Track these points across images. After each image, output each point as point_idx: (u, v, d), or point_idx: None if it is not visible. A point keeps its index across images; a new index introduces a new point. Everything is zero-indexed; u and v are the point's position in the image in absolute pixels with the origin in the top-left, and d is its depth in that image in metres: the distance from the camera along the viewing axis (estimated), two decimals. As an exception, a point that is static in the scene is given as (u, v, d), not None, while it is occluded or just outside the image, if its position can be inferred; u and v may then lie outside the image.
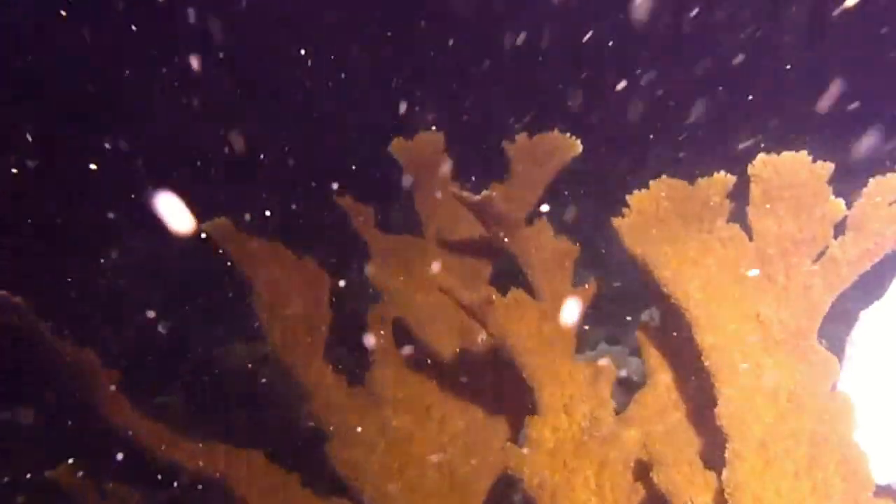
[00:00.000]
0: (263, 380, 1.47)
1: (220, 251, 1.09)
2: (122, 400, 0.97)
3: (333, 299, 1.14)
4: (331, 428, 1.01)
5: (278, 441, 1.30)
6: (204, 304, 2.29)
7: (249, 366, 1.53)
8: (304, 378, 1.02)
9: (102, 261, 2.79)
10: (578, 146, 1.08)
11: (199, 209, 1.18)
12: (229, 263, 1.09)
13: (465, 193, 0.95)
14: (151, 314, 2.18)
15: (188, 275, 2.55)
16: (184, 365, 1.84)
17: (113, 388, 0.95)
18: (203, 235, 1.09)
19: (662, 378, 0.92)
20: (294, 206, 2.98)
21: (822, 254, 0.84)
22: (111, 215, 2.94)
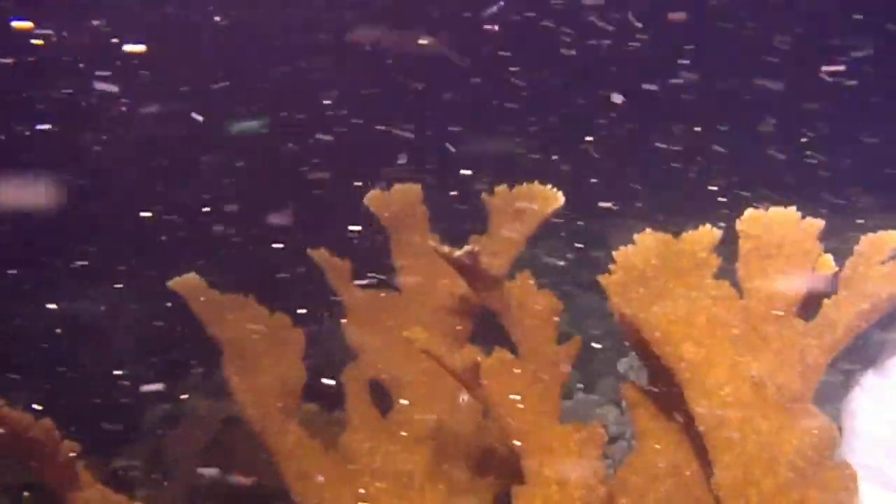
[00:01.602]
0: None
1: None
2: (78, 471, 0.90)
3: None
4: (304, 499, 0.95)
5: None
6: (164, 357, 2.21)
7: (215, 425, 1.47)
8: (276, 446, 0.96)
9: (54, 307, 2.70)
10: (561, 198, 1.06)
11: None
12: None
13: (445, 248, 0.92)
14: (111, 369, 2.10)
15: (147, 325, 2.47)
16: (143, 424, 1.76)
17: (71, 457, 0.89)
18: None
19: (652, 442, 0.89)
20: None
21: (814, 313, 0.82)
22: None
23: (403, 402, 1.01)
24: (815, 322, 0.80)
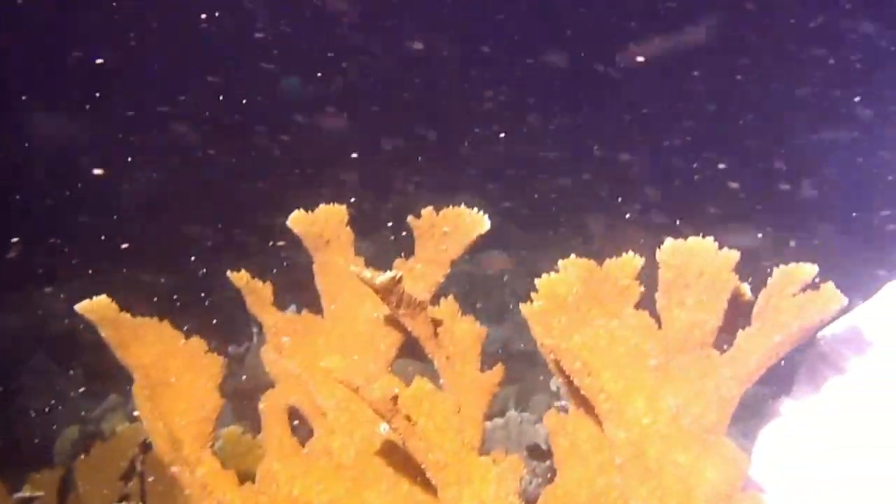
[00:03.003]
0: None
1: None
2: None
3: (228, 371, 1.06)
4: (217, 533, 0.91)
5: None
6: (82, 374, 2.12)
7: (131, 450, 1.40)
8: (188, 477, 0.92)
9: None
10: (487, 222, 1.05)
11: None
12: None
13: (368, 273, 0.90)
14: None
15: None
16: (54, 448, 1.68)
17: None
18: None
19: (573, 472, 0.88)
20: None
21: (729, 344, 0.83)
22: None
23: (322, 430, 0.98)
24: (729, 353, 0.81)
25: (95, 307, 0.97)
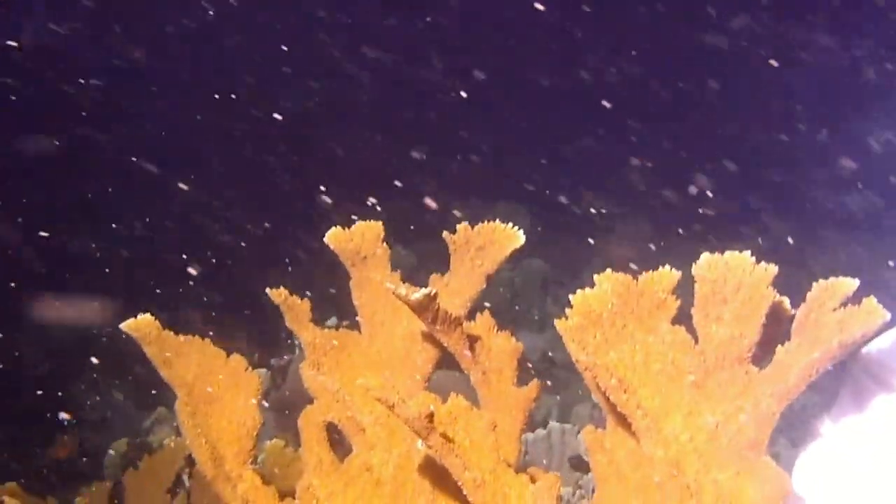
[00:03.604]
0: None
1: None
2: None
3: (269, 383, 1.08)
4: (258, 548, 0.93)
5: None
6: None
7: (179, 462, 1.43)
8: (229, 493, 0.94)
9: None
10: (522, 237, 1.05)
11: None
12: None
13: (403, 289, 0.91)
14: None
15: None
16: (106, 459, 1.73)
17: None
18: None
19: (612, 489, 0.88)
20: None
21: (768, 360, 0.82)
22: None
23: (361, 445, 0.99)
24: (768, 369, 0.80)
25: (139, 325, 0.99)
